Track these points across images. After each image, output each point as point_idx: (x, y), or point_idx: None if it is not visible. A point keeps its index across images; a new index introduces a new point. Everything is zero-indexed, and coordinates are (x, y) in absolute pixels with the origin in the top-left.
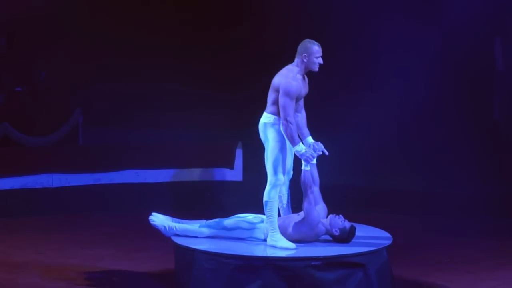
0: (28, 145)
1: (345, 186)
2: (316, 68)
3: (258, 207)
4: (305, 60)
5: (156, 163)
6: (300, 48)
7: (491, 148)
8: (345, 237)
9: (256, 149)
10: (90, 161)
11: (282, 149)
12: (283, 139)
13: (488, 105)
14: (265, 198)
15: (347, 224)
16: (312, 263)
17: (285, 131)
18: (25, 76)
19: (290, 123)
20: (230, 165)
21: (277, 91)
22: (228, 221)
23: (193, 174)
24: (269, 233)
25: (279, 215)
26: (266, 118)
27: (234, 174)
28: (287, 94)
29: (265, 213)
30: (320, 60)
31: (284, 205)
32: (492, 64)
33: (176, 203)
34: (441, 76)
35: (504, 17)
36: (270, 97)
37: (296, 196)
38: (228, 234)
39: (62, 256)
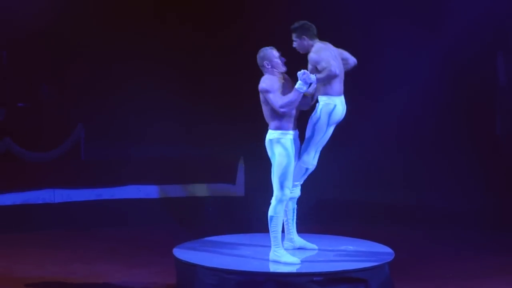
0: (30, 160)
1: (347, 200)
2: (283, 68)
3: (260, 222)
4: (268, 66)
5: (157, 178)
6: (258, 61)
7: (493, 163)
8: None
9: (258, 164)
10: (92, 176)
11: (289, 164)
12: (290, 154)
13: (490, 120)
14: (270, 213)
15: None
16: (314, 279)
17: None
18: (27, 91)
19: (284, 107)
20: (232, 181)
21: (262, 93)
22: None
23: (195, 190)
24: (272, 248)
25: (283, 230)
26: (270, 134)
27: (236, 189)
28: (266, 91)
29: (269, 228)
30: (282, 59)
31: (290, 220)
32: (494, 79)
33: (178, 218)
34: (442, 90)
35: (507, 31)
36: (264, 111)
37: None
38: None
39: (64, 271)
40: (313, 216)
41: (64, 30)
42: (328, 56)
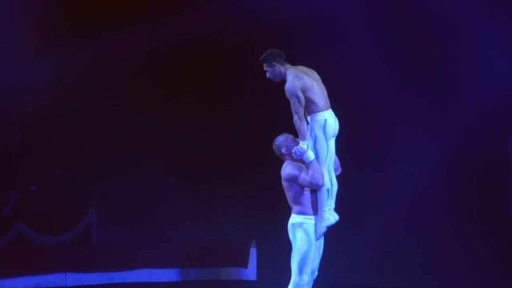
0: (42, 244)
1: (360, 285)
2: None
3: None
4: (286, 153)
5: (169, 262)
6: (276, 150)
7: (506, 248)
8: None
9: (270, 248)
10: (104, 260)
11: (309, 249)
12: (311, 240)
13: (502, 204)
14: None
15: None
16: None
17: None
18: (39, 175)
19: (318, 179)
20: (244, 264)
21: (288, 180)
22: None
23: (207, 273)
24: None
25: None
26: (293, 219)
27: (248, 273)
28: (294, 177)
29: None
30: (296, 140)
31: None
32: (506, 162)
33: None
34: (454, 172)
35: None
36: (288, 197)
37: None
38: None
39: None
40: None
41: (76, 113)
42: (304, 83)
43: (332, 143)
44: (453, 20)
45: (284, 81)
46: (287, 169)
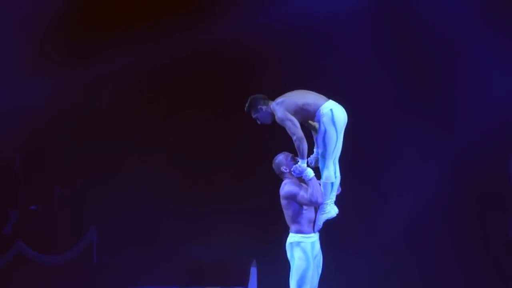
0: (42, 263)
1: None
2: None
3: None
4: (286, 171)
5: (169, 281)
6: (276, 168)
7: (505, 268)
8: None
9: (270, 267)
10: (104, 280)
11: (307, 268)
12: (309, 259)
13: (503, 223)
14: None
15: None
16: None
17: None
18: (40, 194)
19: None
20: (244, 283)
21: (287, 198)
22: None
23: None
24: None
25: None
26: (291, 238)
27: None
28: (293, 195)
29: None
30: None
31: None
32: (506, 181)
33: None
34: (454, 191)
35: None
36: (286, 215)
37: None
38: None
39: None
40: None
41: (76, 132)
42: (286, 103)
43: (341, 137)
44: (453, 39)
45: (277, 123)
46: (286, 187)
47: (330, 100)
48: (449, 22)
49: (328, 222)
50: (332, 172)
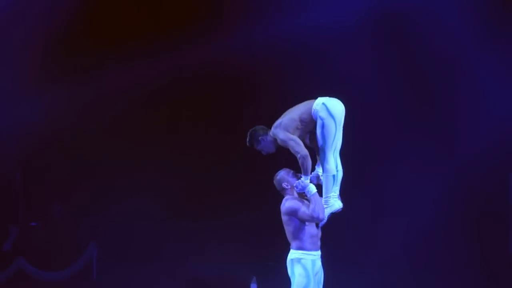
0: (42, 279)
1: None
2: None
3: None
4: (288, 187)
5: None
6: (277, 185)
7: (505, 285)
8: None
9: (270, 284)
10: None
11: (308, 285)
12: (309, 275)
13: (502, 240)
14: None
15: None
16: None
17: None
18: (40, 210)
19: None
20: None
21: (288, 214)
22: None
23: None
24: None
25: None
26: (292, 254)
27: None
28: (294, 210)
29: None
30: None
31: None
32: (506, 199)
33: None
34: (454, 208)
35: None
36: (287, 231)
37: None
38: None
39: None
40: None
41: (76, 149)
42: (284, 124)
43: (340, 130)
44: (453, 58)
45: (281, 147)
46: (287, 203)
47: (319, 97)
48: (449, 42)
49: (329, 239)
50: (333, 165)
